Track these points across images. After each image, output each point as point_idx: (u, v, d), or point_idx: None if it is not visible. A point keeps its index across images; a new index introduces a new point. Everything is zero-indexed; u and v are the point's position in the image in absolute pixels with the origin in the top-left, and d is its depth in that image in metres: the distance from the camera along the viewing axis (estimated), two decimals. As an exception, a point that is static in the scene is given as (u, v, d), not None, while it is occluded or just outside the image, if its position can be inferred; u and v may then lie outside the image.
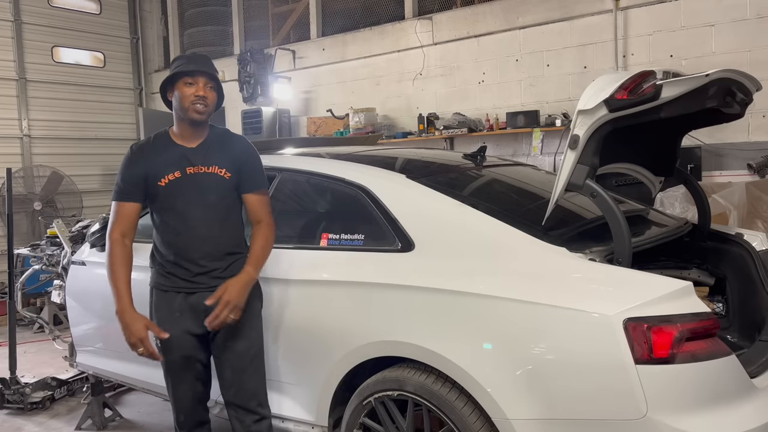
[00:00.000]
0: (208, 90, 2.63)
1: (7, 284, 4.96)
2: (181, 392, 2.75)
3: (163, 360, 2.68)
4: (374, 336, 2.52)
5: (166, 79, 2.67)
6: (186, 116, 2.64)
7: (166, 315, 2.68)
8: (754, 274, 2.84)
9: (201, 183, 2.65)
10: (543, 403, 2.13)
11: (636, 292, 2.12)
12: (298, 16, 8.38)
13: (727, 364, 2.10)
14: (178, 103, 2.64)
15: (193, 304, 2.66)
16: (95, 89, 9.37)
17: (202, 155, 2.67)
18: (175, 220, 2.64)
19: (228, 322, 2.54)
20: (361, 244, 2.72)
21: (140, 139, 2.78)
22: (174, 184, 2.63)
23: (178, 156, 2.66)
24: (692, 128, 2.99)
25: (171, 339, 2.63)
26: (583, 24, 6.04)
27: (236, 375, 2.71)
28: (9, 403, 4.41)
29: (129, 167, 2.67)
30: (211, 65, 2.71)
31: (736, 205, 4.88)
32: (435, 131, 6.71)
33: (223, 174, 2.67)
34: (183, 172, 2.64)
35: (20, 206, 7.68)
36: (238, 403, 2.73)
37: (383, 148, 4.06)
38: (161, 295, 2.71)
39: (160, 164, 2.64)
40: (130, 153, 2.71)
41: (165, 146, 2.69)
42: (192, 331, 2.67)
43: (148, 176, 2.63)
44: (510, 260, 2.38)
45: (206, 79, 2.64)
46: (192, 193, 2.63)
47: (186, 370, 2.72)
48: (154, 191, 2.64)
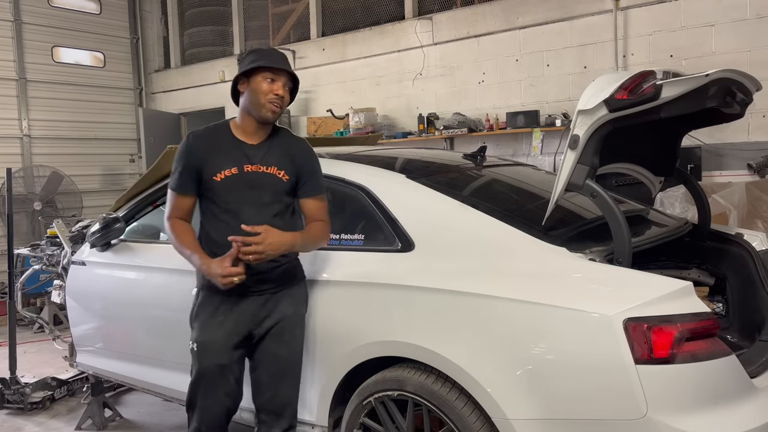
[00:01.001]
0: (286, 91, 2.55)
1: (7, 284, 4.96)
2: (208, 404, 2.61)
3: (195, 366, 2.58)
4: (374, 336, 2.52)
5: (243, 70, 2.53)
6: (258, 113, 2.53)
7: (209, 317, 2.57)
8: (754, 274, 2.84)
9: (257, 182, 2.55)
10: (543, 403, 2.13)
11: (636, 292, 2.12)
12: (298, 16, 8.38)
13: (727, 364, 2.10)
14: (252, 97, 2.52)
15: (239, 308, 2.56)
16: (95, 89, 9.37)
17: (261, 154, 2.58)
18: (227, 217, 2.54)
19: (247, 260, 2.39)
20: (361, 244, 2.72)
21: (199, 128, 2.67)
22: (229, 181, 2.53)
23: (238, 152, 2.56)
24: (692, 128, 2.99)
25: (211, 343, 2.54)
26: (583, 24, 6.04)
27: (274, 380, 2.63)
28: (9, 403, 4.41)
29: (186, 157, 2.56)
30: (290, 67, 2.61)
31: (736, 205, 4.88)
32: (435, 131, 6.71)
33: (281, 176, 2.58)
34: (240, 169, 2.54)
35: (20, 206, 7.67)
36: (272, 408, 2.65)
37: (383, 148, 4.07)
38: (208, 297, 2.59)
39: (217, 158, 2.54)
40: (188, 141, 2.58)
41: (225, 139, 2.58)
42: (233, 338, 2.57)
43: (204, 169, 2.53)
44: (510, 260, 2.38)
45: (287, 78, 2.55)
46: (247, 192, 2.54)
47: (219, 381, 2.58)
48: (208, 185, 2.54)
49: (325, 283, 2.73)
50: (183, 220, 2.59)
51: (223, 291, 2.49)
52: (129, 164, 9.74)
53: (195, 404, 2.64)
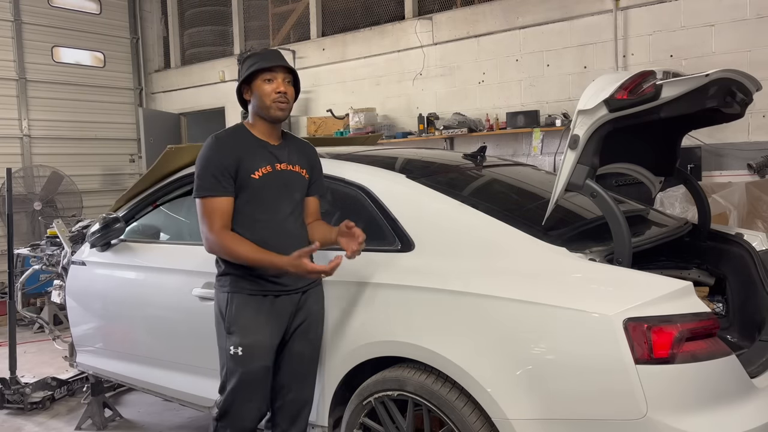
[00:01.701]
0: (287, 84, 2.56)
1: (7, 284, 4.96)
2: (247, 411, 2.57)
3: (237, 371, 2.52)
4: (374, 336, 2.52)
5: (243, 79, 2.56)
6: (269, 114, 2.56)
7: (252, 320, 2.53)
8: (754, 274, 2.84)
9: (288, 180, 2.61)
10: (543, 403, 2.13)
11: (636, 292, 2.12)
12: (298, 16, 8.38)
13: (727, 364, 2.10)
14: (258, 101, 2.55)
15: (279, 308, 2.56)
16: (95, 89, 9.37)
17: (286, 154, 2.64)
18: (266, 214, 2.55)
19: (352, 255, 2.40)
20: (361, 244, 2.71)
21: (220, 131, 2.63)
22: (266, 178, 2.55)
23: (266, 151, 2.59)
24: (692, 128, 2.99)
25: (256, 345, 2.52)
26: (583, 24, 6.04)
27: (296, 381, 2.64)
28: (9, 403, 4.41)
29: (218, 157, 2.50)
30: (285, 60, 2.62)
31: (736, 205, 4.88)
32: (435, 131, 6.71)
33: (304, 174, 2.68)
34: (273, 168, 2.57)
35: (20, 206, 7.67)
36: (290, 410, 2.64)
37: (383, 148, 4.06)
38: (246, 300, 2.54)
39: (250, 156, 2.54)
40: (215, 143, 2.54)
41: (250, 140, 2.59)
42: (275, 339, 2.57)
43: (241, 167, 2.51)
44: (510, 260, 2.37)
45: (284, 73, 2.56)
46: (281, 189, 2.58)
47: (262, 384, 2.57)
48: (245, 183, 2.52)
49: (325, 283, 2.72)
50: (228, 228, 2.51)
51: (262, 290, 2.53)
52: (129, 164, 9.74)
53: (230, 412, 2.58)
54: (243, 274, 2.54)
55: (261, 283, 2.53)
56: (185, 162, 3.41)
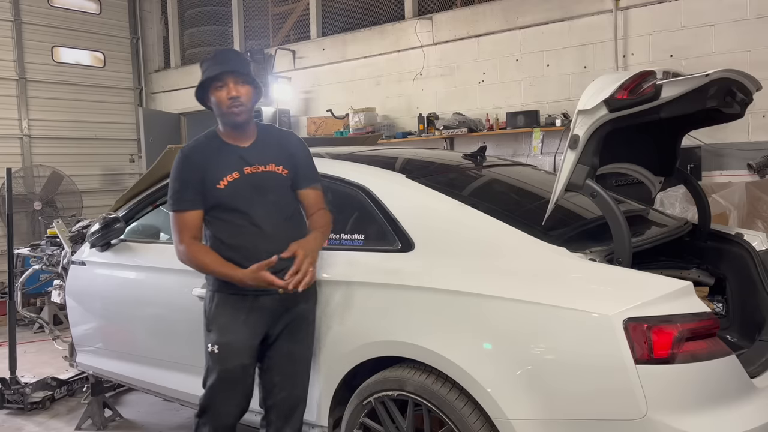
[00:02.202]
0: (239, 87, 2.52)
1: (7, 284, 4.96)
2: (226, 408, 2.60)
3: (215, 369, 2.56)
4: (374, 336, 2.52)
5: (198, 90, 2.57)
6: (227, 121, 2.56)
7: (230, 320, 2.56)
8: (754, 274, 2.84)
9: (260, 182, 2.57)
10: (543, 403, 2.13)
11: (636, 292, 2.12)
12: (298, 16, 8.38)
13: (727, 364, 2.10)
14: (216, 109, 2.55)
15: (259, 306, 2.56)
16: (95, 89, 9.36)
17: (257, 154, 2.60)
18: (239, 219, 2.55)
19: (304, 281, 2.36)
20: (361, 244, 2.72)
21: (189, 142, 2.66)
22: (233, 186, 2.54)
23: (234, 156, 2.57)
24: (692, 128, 2.99)
25: (232, 344, 2.54)
26: (583, 24, 6.04)
27: (287, 381, 2.64)
28: (9, 403, 4.41)
29: (185, 172, 2.55)
30: (235, 60, 2.57)
31: (736, 205, 4.88)
32: (435, 131, 6.71)
33: (280, 171, 2.62)
34: (241, 173, 2.55)
35: (20, 206, 7.67)
36: (283, 409, 2.65)
37: (383, 148, 4.07)
38: (225, 299, 2.58)
39: (216, 166, 2.54)
40: (183, 157, 2.57)
41: (218, 147, 2.59)
42: (254, 338, 2.58)
43: (206, 180, 2.53)
44: (510, 260, 2.37)
45: (233, 76, 2.52)
46: (252, 194, 2.55)
47: (240, 383, 2.59)
48: (212, 194, 2.53)
49: (325, 283, 2.72)
50: (197, 239, 2.56)
51: (242, 290, 2.50)
52: (129, 164, 9.73)
53: (210, 409, 2.62)
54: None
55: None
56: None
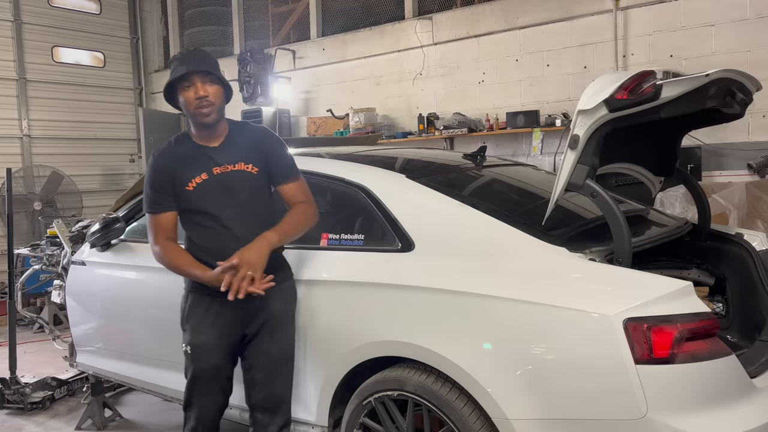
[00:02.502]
0: (207, 87, 2.51)
1: (7, 284, 4.96)
2: (204, 402, 2.67)
3: (189, 368, 2.63)
4: (374, 336, 2.52)
5: (167, 92, 2.59)
6: (196, 121, 2.57)
7: (200, 321, 2.60)
8: (754, 274, 2.84)
9: (230, 182, 2.57)
10: (543, 403, 2.13)
11: (636, 292, 2.12)
12: (298, 16, 8.38)
13: (727, 364, 2.10)
14: (185, 109, 2.56)
15: (229, 308, 2.54)
16: (95, 89, 9.36)
17: (226, 153, 2.60)
18: (209, 221, 2.57)
19: (251, 292, 2.36)
20: (361, 244, 2.71)
21: (161, 145, 2.69)
22: (202, 187, 2.56)
23: (202, 157, 2.58)
24: (692, 128, 2.99)
25: (204, 345, 2.59)
26: (583, 24, 6.04)
27: (268, 379, 2.65)
28: (9, 403, 4.41)
29: (156, 175, 2.59)
30: (202, 59, 2.55)
31: (736, 205, 4.88)
32: (435, 131, 6.71)
33: (250, 170, 2.60)
34: (210, 174, 2.56)
35: (20, 206, 7.67)
36: (267, 406, 2.67)
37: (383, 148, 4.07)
38: (197, 300, 2.62)
39: (185, 168, 2.57)
40: (154, 160, 2.62)
41: (187, 149, 2.61)
42: (226, 337, 2.61)
43: (176, 182, 2.56)
44: (510, 260, 2.37)
45: (200, 76, 2.51)
46: (221, 194, 2.56)
47: (213, 380, 2.64)
48: (183, 197, 2.57)
49: (326, 283, 2.73)
50: (171, 240, 2.60)
51: (212, 292, 2.51)
52: (129, 164, 9.74)
53: (192, 403, 2.69)
54: None
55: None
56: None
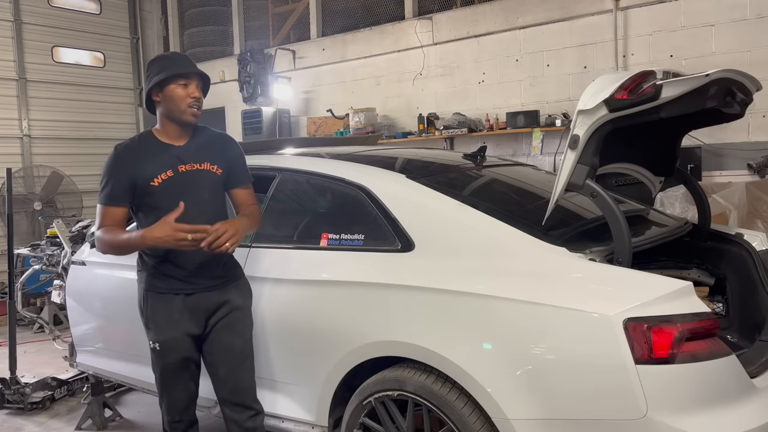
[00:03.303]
0: (200, 91, 2.65)
1: (7, 284, 4.96)
2: (177, 394, 2.75)
3: (158, 363, 2.69)
4: (374, 336, 2.52)
5: (155, 82, 2.59)
6: (182, 119, 2.62)
7: (164, 318, 2.65)
8: (754, 274, 2.84)
9: (194, 180, 2.64)
10: (543, 403, 2.13)
11: (636, 292, 2.12)
12: (298, 16, 8.38)
13: (727, 364, 2.10)
14: (171, 104, 2.60)
15: (191, 305, 2.65)
16: (95, 89, 9.36)
17: (192, 153, 2.67)
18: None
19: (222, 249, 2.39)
20: (361, 244, 2.71)
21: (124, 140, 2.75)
22: (167, 184, 2.59)
23: (168, 155, 2.63)
24: (692, 128, 2.99)
25: (170, 342, 2.64)
26: (583, 24, 6.04)
27: (231, 372, 2.72)
28: (9, 403, 4.41)
29: (116, 169, 2.61)
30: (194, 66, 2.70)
31: (736, 205, 4.89)
32: (435, 131, 6.72)
33: (215, 170, 2.69)
34: (175, 171, 2.61)
35: (20, 206, 7.67)
36: (235, 400, 2.74)
37: (383, 148, 4.06)
38: (158, 298, 2.67)
39: (150, 165, 2.60)
40: (115, 154, 2.63)
41: (153, 146, 2.65)
42: (191, 333, 2.67)
43: (138, 177, 2.58)
44: (510, 260, 2.38)
45: (198, 79, 2.64)
46: (186, 191, 2.59)
47: (182, 372, 2.72)
48: (145, 192, 2.59)
49: (326, 283, 2.73)
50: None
51: (172, 289, 2.61)
52: (129, 164, 9.72)
53: (164, 395, 2.76)
54: (154, 273, 2.66)
55: (171, 282, 2.63)
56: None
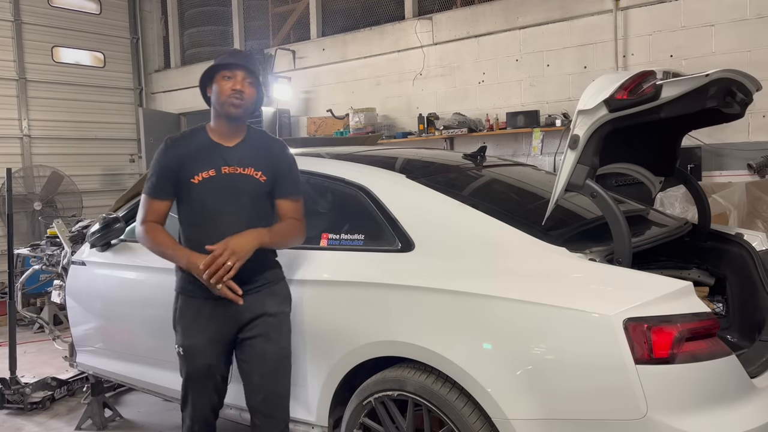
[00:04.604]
0: (246, 85, 2.55)
1: (7, 284, 4.96)
2: (199, 402, 2.66)
3: (183, 368, 2.63)
4: (374, 336, 2.52)
5: (204, 75, 2.59)
6: (223, 111, 2.56)
7: (191, 322, 2.59)
8: (754, 274, 2.84)
9: (235, 184, 2.56)
10: (543, 403, 2.13)
11: (636, 292, 2.12)
12: (298, 16, 8.38)
13: (727, 364, 2.10)
14: (215, 98, 2.56)
15: (221, 312, 2.55)
16: (95, 89, 9.36)
17: (238, 156, 2.59)
18: (205, 220, 2.55)
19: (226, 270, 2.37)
20: (361, 244, 2.71)
21: (175, 133, 2.70)
22: (207, 183, 2.54)
23: (214, 154, 2.57)
24: (692, 128, 2.99)
25: (196, 347, 2.58)
26: (583, 24, 6.04)
27: (265, 380, 2.63)
28: (9, 403, 4.41)
29: (163, 161, 2.58)
30: (250, 60, 2.62)
31: (736, 205, 4.88)
32: (435, 131, 6.72)
33: (258, 177, 2.59)
34: (218, 171, 2.55)
35: (20, 206, 7.67)
36: (266, 411, 2.65)
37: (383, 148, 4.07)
38: (187, 301, 2.61)
39: (194, 160, 2.55)
40: (165, 146, 2.60)
41: (201, 142, 2.60)
42: (218, 339, 2.59)
43: (182, 172, 2.54)
44: (510, 260, 2.37)
45: (245, 73, 2.55)
46: (225, 194, 2.54)
47: (207, 380, 2.63)
48: (185, 188, 2.55)
49: (326, 283, 2.73)
50: (158, 223, 2.59)
51: (203, 294, 2.52)
52: (129, 164, 9.74)
53: (187, 402, 2.69)
54: (186, 276, 2.58)
55: (201, 286, 2.50)
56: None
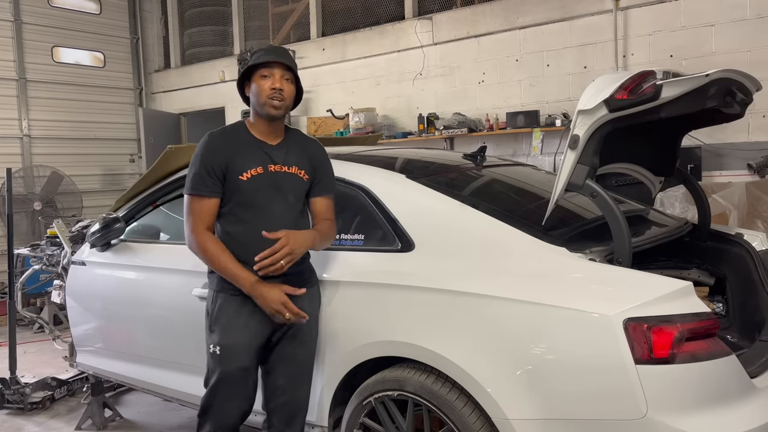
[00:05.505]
0: (284, 82, 2.53)
1: (7, 284, 4.96)
2: (229, 407, 2.58)
3: (216, 370, 2.55)
4: (374, 336, 2.52)
5: (242, 74, 2.56)
6: (264, 112, 2.53)
7: (231, 321, 2.52)
8: (754, 274, 2.84)
9: (282, 182, 2.55)
10: (543, 403, 2.13)
11: (636, 292, 2.12)
12: (298, 16, 8.38)
13: (727, 364, 2.10)
14: (255, 98, 2.53)
15: (261, 309, 2.49)
16: (95, 89, 9.36)
17: (282, 154, 2.58)
18: (253, 217, 2.51)
19: (277, 269, 2.35)
20: (361, 244, 2.72)
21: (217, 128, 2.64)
22: (256, 180, 2.51)
23: (260, 151, 2.55)
24: (692, 128, 2.99)
25: (234, 347, 2.52)
26: (583, 24, 6.04)
27: (290, 383, 2.61)
28: (9, 403, 4.41)
29: (210, 156, 2.50)
30: (288, 57, 2.58)
31: (736, 205, 4.89)
32: (435, 131, 6.72)
33: (302, 175, 2.59)
34: (265, 169, 2.53)
35: (20, 206, 7.67)
36: (285, 413, 2.63)
37: (383, 148, 4.06)
38: (228, 300, 2.54)
39: (242, 157, 2.51)
40: (210, 140, 2.54)
41: (246, 139, 2.57)
42: (256, 341, 2.55)
43: (230, 167, 2.49)
44: (510, 260, 2.37)
45: (282, 70, 2.52)
46: (273, 191, 2.53)
47: (239, 385, 2.57)
48: (233, 185, 2.50)
49: (326, 283, 2.72)
50: (210, 231, 2.53)
51: (243, 293, 2.48)
52: (129, 164, 9.74)
53: (211, 409, 2.61)
54: None
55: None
56: (185, 162, 3.38)
